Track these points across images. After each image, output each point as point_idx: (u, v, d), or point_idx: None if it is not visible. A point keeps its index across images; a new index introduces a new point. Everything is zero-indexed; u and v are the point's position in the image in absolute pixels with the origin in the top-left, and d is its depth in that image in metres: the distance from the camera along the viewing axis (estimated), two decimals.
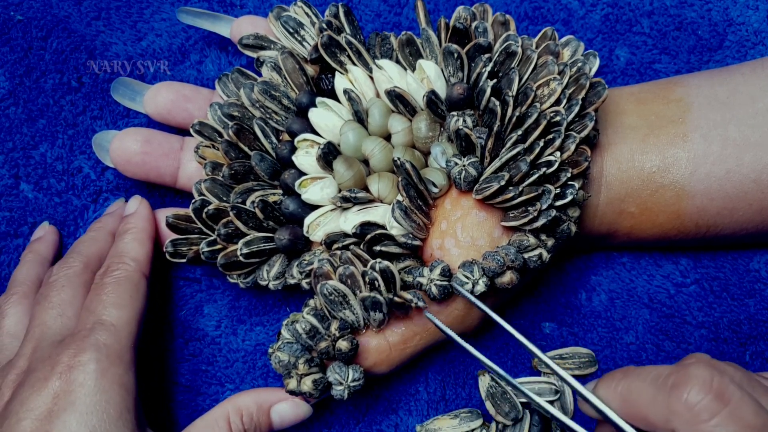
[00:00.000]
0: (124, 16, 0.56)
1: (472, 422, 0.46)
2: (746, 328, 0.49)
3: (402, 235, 0.42)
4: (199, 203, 0.45)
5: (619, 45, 0.54)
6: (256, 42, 0.49)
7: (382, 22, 0.56)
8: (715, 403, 0.29)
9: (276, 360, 0.42)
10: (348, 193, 0.43)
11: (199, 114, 0.49)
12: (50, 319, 0.44)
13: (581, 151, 0.42)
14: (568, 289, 0.51)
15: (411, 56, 0.46)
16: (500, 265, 0.41)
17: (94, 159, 0.54)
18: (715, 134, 0.44)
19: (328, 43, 0.46)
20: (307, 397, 0.42)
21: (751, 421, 0.29)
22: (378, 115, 0.45)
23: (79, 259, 0.47)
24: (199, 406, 0.50)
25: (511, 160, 0.41)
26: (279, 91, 0.47)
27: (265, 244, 0.45)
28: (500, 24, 0.46)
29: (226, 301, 0.51)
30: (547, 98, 0.42)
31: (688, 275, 0.50)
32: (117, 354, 0.42)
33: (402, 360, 0.44)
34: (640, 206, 0.45)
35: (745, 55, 0.53)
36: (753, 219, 0.45)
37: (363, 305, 0.41)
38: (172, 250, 0.46)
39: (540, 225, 0.40)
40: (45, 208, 0.53)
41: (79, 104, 0.55)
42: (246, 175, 0.46)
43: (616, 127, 0.45)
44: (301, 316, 0.42)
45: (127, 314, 0.44)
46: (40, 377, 0.40)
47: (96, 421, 0.39)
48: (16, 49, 0.55)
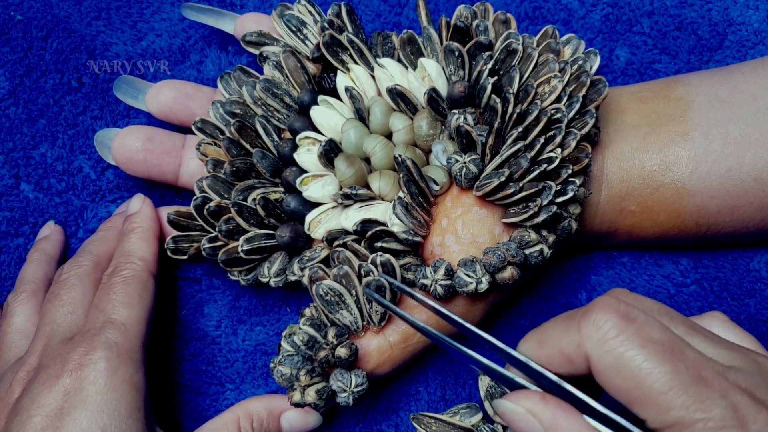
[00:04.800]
0: (124, 16, 0.57)
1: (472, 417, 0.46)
2: (746, 328, 0.49)
3: (403, 232, 0.42)
4: (201, 200, 0.45)
5: (619, 45, 0.54)
6: (259, 39, 0.49)
7: (382, 22, 0.56)
8: (622, 322, 0.30)
9: (278, 374, 0.42)
10: (349, 190, 0.43)
11: (201, 112, 0.49)
12: (60, 317, 0.44)
13: (582, 148, 0.42)
14: (568, 289, 0.51)
15: (412, 55, 0.46)
16: (501, 261, 0.41)
17: (94, 159, 0.54)
18: (716, 132, 0.44)
19: (330, 41, 0.46)
20: (313, 407, 0.42)
21: (657, 336, 0.30)
22: (379, 113, 0.45)
23: (90, 258, 0.48)
24: (199, 406, 0.49)
25: (512, 156, 0.41)
26: (281, 89, 0.47)
27: (266, 241, 0.45)
28: (501, 22, 0.46)
29: (226, 301, 0.51)
30: (547, 96, 0.43)
31: (688, 275, 0.50)
32: (127, 352, 0.42)
33: (404, 358, 0.44)
34: (640, 204, 0.45)
35: (745, 55, 0.54)
36: (753, 217, 0.45)
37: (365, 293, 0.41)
38: (173, 247, 0.47)
39: (540, 221, 0.40)
40: (45, 208, 0.53)
41: (80, 104, 0.55)
42: (247, 172, 0.46)
43: (617, 125, 0.45)
44: (298, 328, 0.42)
45: (136, 313, 0.44)
46: (51, 374, 0.40)
47: (106, 419, 0.39)
48: (17, 49, 0.56)
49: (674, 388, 0.29)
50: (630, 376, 0.30)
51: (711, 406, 0.28)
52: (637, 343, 0.30)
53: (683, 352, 0.30)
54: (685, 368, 0.29)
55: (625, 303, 0.31)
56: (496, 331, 0.50)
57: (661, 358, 0.29)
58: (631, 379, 0.30)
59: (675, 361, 0.29)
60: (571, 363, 0.32)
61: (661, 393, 0.29)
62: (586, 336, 0.31)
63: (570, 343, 0.32)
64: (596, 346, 0.31)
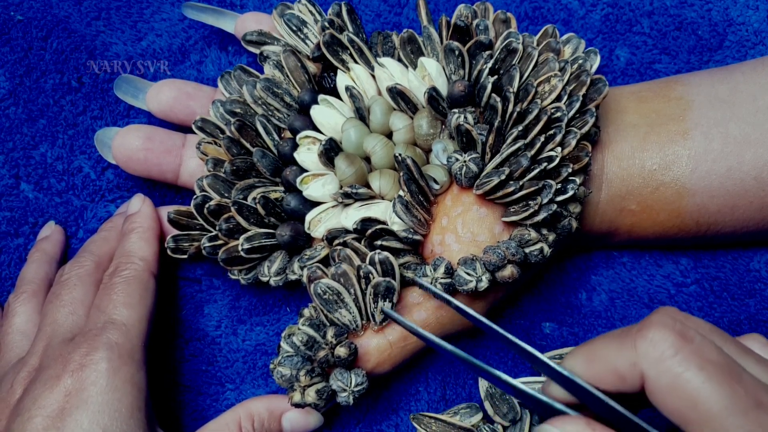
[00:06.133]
0: (124, 16, 0.57)
1: (472, 417, 0.46)
2: (746, 328, 0.49)
3: (403, 230, 0.42)
4: (201, 199, 0.45)
5: (619, 45, 0.54)
6: (260, 39, 0.49)
7: (382, 22, 0.56)
8: (680, 341, 0.30)
9: (278, 375, 0.42)
10: (349, 189, 0.43)
11: (202, 111, 0.49)
12: (62, 317, 0.44)
13: (582, 147, 0.42)
14: (569, 289, 0.51)
15: (412, 54, 0.46)
16: (501, 259, 0.41)
17: (94, 159, 0.54)
18: (716, 132, 0.44)
19: (331, 41, 0.46)
20: (314, 407, 0.42)
21: (715, 358, 0.30)
22: (379, 112, 0.45)
23: (91, 259, 0.48)
24: (199, 406, 0.49)
25: (512, 155, 0.41)
26: (281, 88, 0.47)
27: (266, 240, 0.45)
28: (501, 22, 0.46)
29: (226, 301, 0.51)
30: (548, 95, 0.43)
31: (688, 275, 0.50)
32: (128, 353, 0.42)
33: (404, 357, 0.44)
34: (640, 204, 0.45)
35: (745, 55, 0.54)
36: (753, 217, 0.45)
37: (374, 292, 0.41)
38: (173, 246, 0.47)
39: (541, 219, 0.40)
40: (45, 208, 0.53)
41: (80, 104, 0.55)
42: (248, 171, 0.46)
43: (617, 125, 0.45)
44: (297, 328, 0.42)
45: (137, 313, 0.44)
46: (52, 375, 0.40)
47: (108, 419, 0.39)
48: (16, 49, 0.56)
49: (733, 413, 0.28)
50: (687, 397, 0.29)
51: None
52: (696, 364, 0.29)
53: (741, 375, 0.29)
54: (744, 392, 0.29)
55: (681, 321, 0.31)
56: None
57: (720, 381, 0.29)
58: (688, 400, 0.29)
59: (734, 384, 0.29)
60: (623, 381, 0.32)
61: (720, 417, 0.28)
62: (642, 354, 0.31)
63: (625, 360, 0.32)
64: (653, 365, 0.30)
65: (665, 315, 0.32)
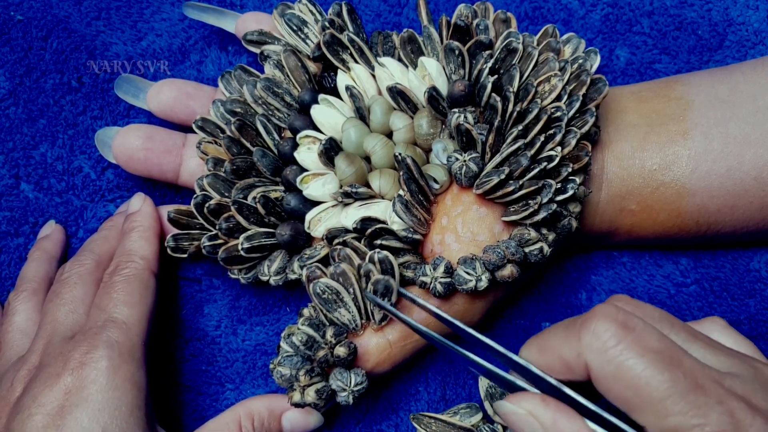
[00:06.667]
0: (124, 16, 0.57)
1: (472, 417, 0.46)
2: (746, 328, 0.49)
3: (403, 230, 0.42)
4: (201, 198, 0.45)
5: (619, 45, 0.54)
6: (260, 38, 0.49)
7: (382, 22, 0.56)
8: (621, 331, 0.31)
9: (278, 375, 0.42)
10: (349, 189, 0.43)
11: (202, 111, 0.49)
12: (62, 315, 0.44)
13: (582, 147, 0.42)
14: (568, 288, 0.51)
15: (412, 54, 0.46)
16: (500, 258, 0.41)
17: (94, 159, 0.54)
18: (716, 132, 0.44)
19: (331, 41, 0.46)
20: (313, 407, 0.42)
21: (655, 345, 0.31)
22: (379, 112, 0.45)
23: (91, 257, 0.48)
24: (199, 406, 0.49)
25: (512, 155, 0.41)
26: (281, 88, 0.47)
27: (266, 240, 0.45)
28: (501, 21, 0.46)
29: (226, 301, 0.51)
30: (548, 94, 0.43)
31: (688, 275, 0.50)
32: (128, 351, 0.42)
33: (404, 356, 0.44)
34: (640, 204, 0.45)
35: (745, 55, 0.54)
36: (753, 217, 0.45)
37: (373, 290, 0.41)
38: (173, 245, 0.47)
39: (540, 219, 0.40)
40: (45, 207, 0.53)
41: (80, 104, 0.55)
42: (248, 171, 0.46)
43: (617, 124, 0.45)
44: (297, 328, 0.42)
45: (137, 312, 0.44)
46: (52, 373, 0.40)
47: (107, 417, 0.39)
48: (16, 49, 0.56)
49: (672, 396, 0.30)
50: (629, 384, 0.31)
51: (708, 413, 0.29)
52: (636, 352, 0.31)
53: (681, 359, 0.31)
54: (683, 376, 0.30)
55: (624, 311, 0.32)
56: (497, 331, 0.50)
57: (660, 367, 0.30)
58: (630, 387, 0.31)
59: (673, 369, 0.30)
60: (571, 370, 0.33)
61: (660, 400, 0.30)
62: (585, 345, 0.32)
63: (570, 351, 0.33)
64: (596, 355, 0.32)
65: (610, 305, 0.33)
